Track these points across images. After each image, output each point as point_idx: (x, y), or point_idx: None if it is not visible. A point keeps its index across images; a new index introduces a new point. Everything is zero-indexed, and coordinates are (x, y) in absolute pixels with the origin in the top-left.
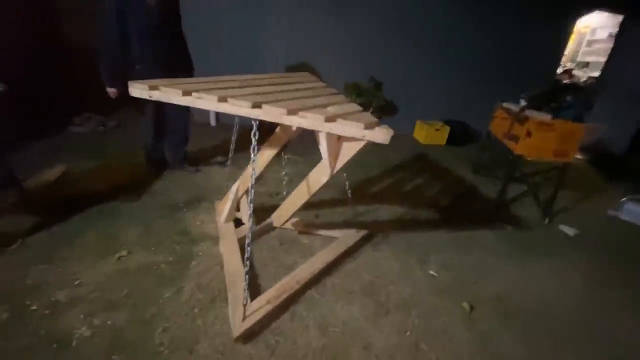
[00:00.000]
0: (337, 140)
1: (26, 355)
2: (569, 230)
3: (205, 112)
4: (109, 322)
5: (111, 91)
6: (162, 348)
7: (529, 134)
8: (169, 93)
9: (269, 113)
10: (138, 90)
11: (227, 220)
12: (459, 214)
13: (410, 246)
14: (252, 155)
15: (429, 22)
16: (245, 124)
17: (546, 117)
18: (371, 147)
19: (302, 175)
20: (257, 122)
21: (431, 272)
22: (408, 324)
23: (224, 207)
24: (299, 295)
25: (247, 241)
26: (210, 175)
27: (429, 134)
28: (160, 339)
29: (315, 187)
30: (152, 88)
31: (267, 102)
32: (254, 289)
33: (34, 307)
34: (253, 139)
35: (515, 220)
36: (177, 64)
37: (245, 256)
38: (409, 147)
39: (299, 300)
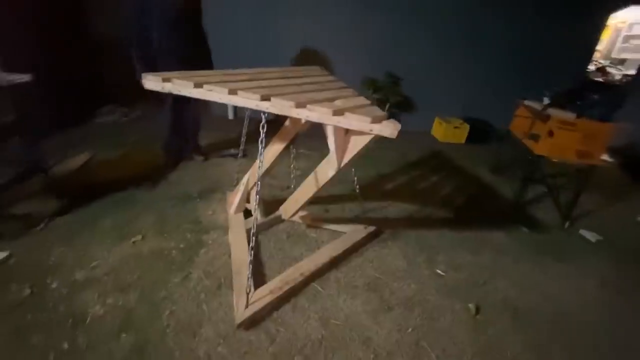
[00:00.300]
0: (345, 134)
1: (45, 328)
2: (590, 236)
3: (223, 106)
4: (120, 303)
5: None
6: (168, 329)
7: (550, 133)
8: (181, 85)
9: (278, 106)
10: (152, 82)
11: (237, 211)
12: (472, 214)
13: (419, 244)
14: (260, 148)
15: (450, 16)
16: (258, 117)
17: (570, 115)
18: (387, 144)
19: (314, 169)
20: (267, 115)
21: (439, 271)
22: (410, 322)
23: (235, 198)
24: (302, 287)
25: (252, 231)
26: (224, 167)
27: (448, 131)
28: (167, 321)
29: (322, 180)
30: (165, 80)
31: (275, 95)
32: (259, 279)
33: (54, 286)
34: (261, 132)
35: (533, 222)
36: (196, 58)
37: (250, 245)
38: (426, 145)
39: (302, 292)
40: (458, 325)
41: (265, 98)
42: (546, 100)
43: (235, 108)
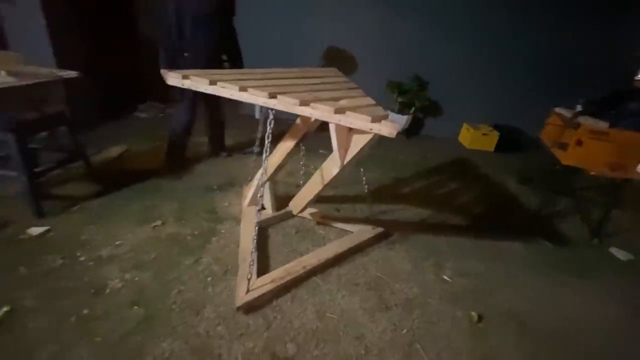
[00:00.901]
0: (348, 133)
1: (71, 295)
2: (621, 255)
3: (251, 106)
4: (136, 279)
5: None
6: (174, 306)
7: (579, 142)
8: (198, 82)
9: (283, 103)
10: (173, 78)
11: (250, 204)
12: (491, 224)
13: (429, 249)
14: (266, 142)
15: (481, 20)
16: (280, 117)
17: (602, 124)
18: (409, 148)
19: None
20: (274, 111)
21: (445, 277)
22: (407, 323)
23: (249, 192)
24: (303, 280)
25: (255, 221)
26: (244, 163)
27: (475, 138)
28: (175, 299)
29: (327, 177)
30: (185, 77)
31: (283, 93)
32: (263, 269)
33: (82, 259)
34: (268, 127)
35: (557, 237)
36: (225, 55)
37: (253, 234)
38: (451, 151)
39: (303, 284)
40: (457, 332)
41: (272, 96)
42: (579, 108)
43: (262, 108)
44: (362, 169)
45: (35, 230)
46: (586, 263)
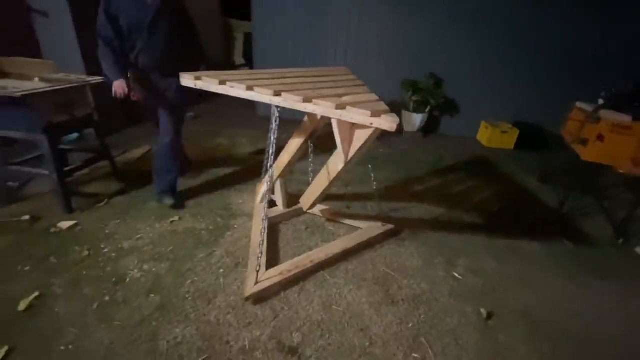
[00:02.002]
0: (350, 128)
1: (94, 283)
2: None
3: (268, 107)
4: (154, 269)
5: (118, 85)
6: (187, 295)
7: (600, 137)
8: (209, 82)
9: (288, 100)
10: (187, 80)
11: (262, 201)
12: (507, 222)
13: (440, 247)
14: (271, 138)
15: (497, 11)
16: (291, 117)
17: (625, 118)
18: (424, 147)
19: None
20: (279, 109)
21: (455, 274)
22: (413, 318)
23: (261, 189)
24: (311, 274)
25: (262, 215)
26: (261, 162)
27: (494, 136)
28: (188, 288)
29: (333, 173)
30: (197, 78)
31: (287, 91)
32: (272, 262)
33: (106, 250)
34: (273, 124)
35: (579, 236)
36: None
37: (261, 228)
38: (469, 149)
39: (311, 278)
40: (465, 328)
41: (277, 93)
42: (600, 102)
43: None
44: (370, 166)
45: (65, 224)
46: (609, 264)
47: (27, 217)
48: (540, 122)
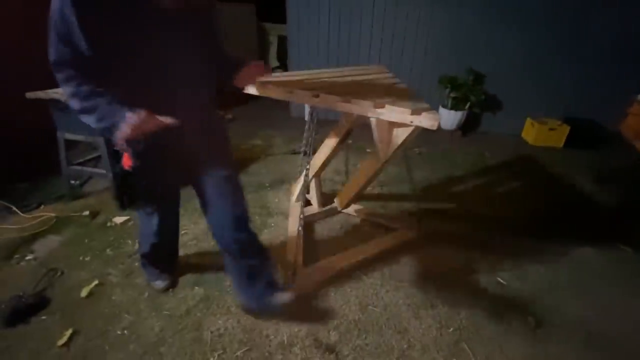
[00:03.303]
0: (389, 127)
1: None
2: None
3: (301, 108)
4: (198, 262)
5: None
6: (229, 289)
7: None
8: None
9: (326, 101)
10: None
11: (297, 200)
12: (559, 226)
13: (482, 250)
14: (308, 138)
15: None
16: (326, 118)
17: None
18: (464, 146)
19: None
20: (317, 110)
21: (499, 279)
22: (454, 322)
23: (296, 188)
24: (347, 273)
25: (299, 215)
26: (294, 162)
27: (541, 133)
28: (230, 283)
29: (370, 172)
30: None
31: (325, 92)
32: (308, 260)
33: None
34: (311, 125)
35: (639, 241)
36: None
37: (297, 226)
38: (512, 148)
39: (347, 278)
40: (510, 335)
41: (315, 95)
42: None
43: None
44: (407, 167)
45: (119, 219)
46: None
47: (87, 213)
48: (594, 117)
